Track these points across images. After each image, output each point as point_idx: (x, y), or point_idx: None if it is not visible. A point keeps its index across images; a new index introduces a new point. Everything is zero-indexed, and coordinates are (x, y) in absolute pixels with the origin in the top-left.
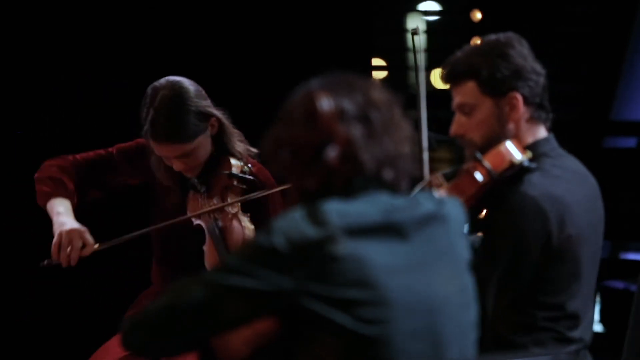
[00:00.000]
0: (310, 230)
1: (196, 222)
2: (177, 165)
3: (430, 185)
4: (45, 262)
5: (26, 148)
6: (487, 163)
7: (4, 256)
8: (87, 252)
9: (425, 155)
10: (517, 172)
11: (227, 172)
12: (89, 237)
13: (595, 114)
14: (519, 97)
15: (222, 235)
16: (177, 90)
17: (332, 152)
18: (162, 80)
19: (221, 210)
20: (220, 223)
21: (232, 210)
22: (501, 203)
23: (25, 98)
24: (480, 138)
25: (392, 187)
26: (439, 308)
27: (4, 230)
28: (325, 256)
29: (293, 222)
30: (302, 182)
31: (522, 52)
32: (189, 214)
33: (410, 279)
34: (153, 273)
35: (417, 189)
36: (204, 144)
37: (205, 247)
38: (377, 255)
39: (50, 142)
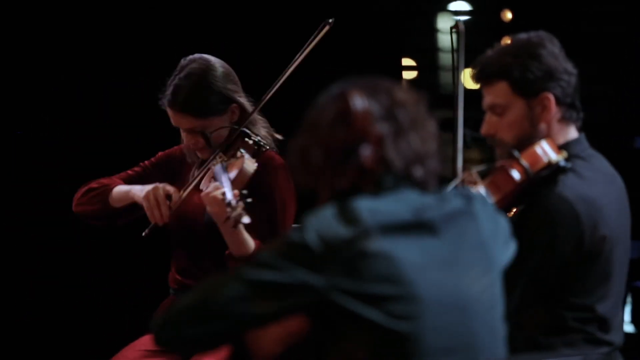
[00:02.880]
0: (342, 228)
1: (207, 186)
2: (187, 140)
3: (464, 183)
4: (146, 230)
5: (26, 148)
6: (524, 161)
7: (4, 256)
8: (174, 203)
9: (460, 153)
10: (552, 172)
11: (241, 127)
12: (169, 188)
13: (626, 115)
14: (551, 98)
15: (226, 171)
16: (206, 67)
17: (366, 151)
18: (197, 55)
19: (229, 157)
20: (225, 164)
21: (238, 155)
22: (535, 203)
23: (25, 98)
24: (511, 139)
25: (421, 185)
26: (469, 305)
27: (4, 230)
28: (356, 253)
29: (325, 220)
30: (334, 181)
31: (553, 52)
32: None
33: (441, 276)
34: (171, 275)
35: (451, 186)
36: (216, 125)
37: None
38: (407, 252)
39: (50, 142)
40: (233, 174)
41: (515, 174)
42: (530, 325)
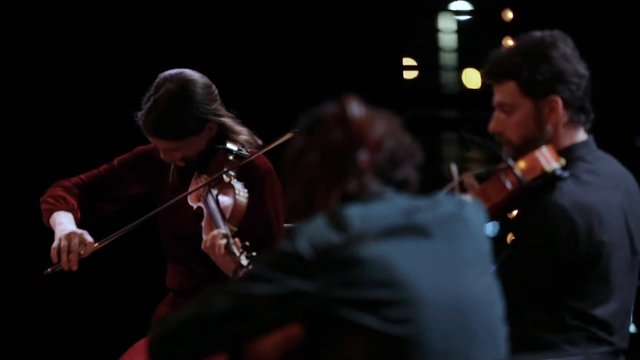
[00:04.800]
0: (334, 235)
1: (196, 205)
2: (164, 156)
3: (462, 186)
4: (49, 269)
5: (26, 148)
6: (518, 170)
7: (4, 256)
8: (86, 251)
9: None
10: (548, 180)
11: (221, 146)
12: (87, 237)
13: (628, 113)
14: (559, 101)
15: (218, 204)
16: (183, 89)
17: (363, 156)
18: (174, 72)
19: (217, 182)
20: (215, 192)
21: (226, 179)
22: (531, 209)
23: (25, 98)
24: (517, 138)
25: (408, 188)
26: (467, 306)
27: (4, 230)
28: (349, 260)
29: (317, 228)
30: (330, 187)
31: (565, 54)
32: (188, 196)
33: (437, 278)
34: (168, 277)
35: (448, 188)
36: (193, 144)
37: (203, 224)
38: (401, 255)
39: (50, 142)
40: (226, 202)
41: (508, 184)
42: (531, 324)
